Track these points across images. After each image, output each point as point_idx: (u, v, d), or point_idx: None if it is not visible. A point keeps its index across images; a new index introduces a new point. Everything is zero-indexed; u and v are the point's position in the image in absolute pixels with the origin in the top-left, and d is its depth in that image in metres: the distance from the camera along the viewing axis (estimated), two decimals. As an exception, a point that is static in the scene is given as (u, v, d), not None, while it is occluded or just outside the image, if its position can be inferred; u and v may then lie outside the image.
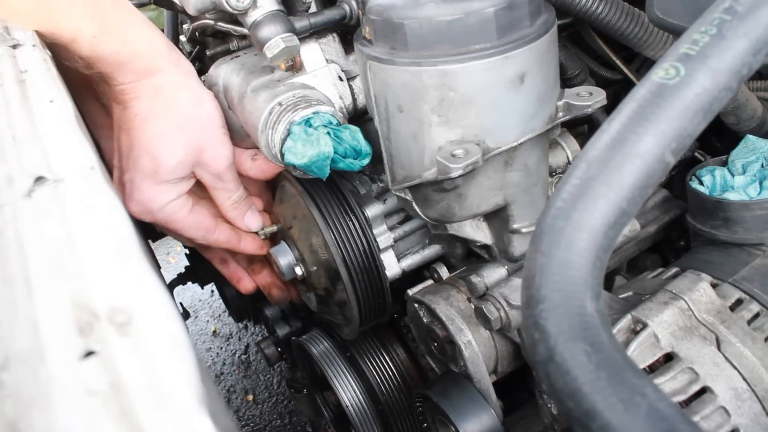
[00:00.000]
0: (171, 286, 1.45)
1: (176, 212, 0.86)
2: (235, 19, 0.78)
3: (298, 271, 0.92)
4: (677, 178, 1.00)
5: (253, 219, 0.94)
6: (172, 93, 0.79)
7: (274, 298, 1.07)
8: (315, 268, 0.90)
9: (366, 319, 0.93)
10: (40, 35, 0.66)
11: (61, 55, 0.73)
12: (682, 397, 0.62)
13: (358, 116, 0.86)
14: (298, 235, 0.91)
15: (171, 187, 0.83)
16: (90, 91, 0.86)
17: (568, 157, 0.92)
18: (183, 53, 1.20)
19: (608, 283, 0.96)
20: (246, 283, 1.05)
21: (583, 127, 1.03)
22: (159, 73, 0.77)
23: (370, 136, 0.77)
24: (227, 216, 0.92)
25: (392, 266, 0.92)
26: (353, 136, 0.76)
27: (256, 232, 0.97)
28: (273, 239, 0.99)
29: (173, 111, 0.79)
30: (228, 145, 0.85)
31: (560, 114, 0.69)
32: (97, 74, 0.75)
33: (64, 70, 0.79)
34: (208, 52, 1.04)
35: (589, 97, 0.68)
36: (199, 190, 0.91)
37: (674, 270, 0.78)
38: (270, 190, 1.00)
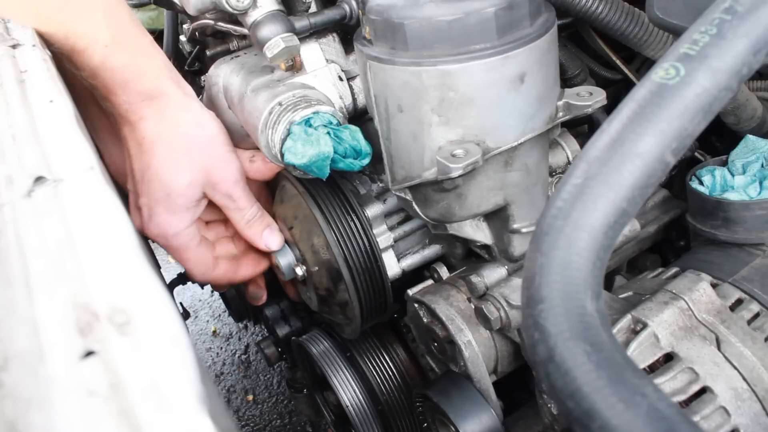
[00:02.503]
0: (171, 286, 1.45)
1: (188, 242, 0.86)
2: (235, 19, 0.78)
3: (299, 271, 0.92)
4: (677, 178, 1.00)
5: (272, 238, 0.92)
6: (175, 116, 0.79)
7: (248, 292, 1.06)
8: (316, 268, 0.90)
9: (367, 319, 0.93)
10: (54, 38, 0.66)
11: (67, 63, 0.73)
12: (682, 397, 0.62)
13: (358, 116, 0.86)
14: (299, 236, 0.91)
15: (186, 213, 0.84)
16: (90, 95, 0.86)
17: (568, 157, 0.93)
18: (183, 53, 1.21)
19: (608, 283, 0.96)
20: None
21: (583, 127, 1.03)
22: (162, 95, 0.78)
23: (370, 136, 0.77)
24: (244, 235, 0.91)
25: (392, 266, 0.92)
26: (353, 136, 0.76)
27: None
28: None
29: (178, 134, 0.80)
30: (234, 162, 0.85)
31: (560, 114, 0.69)
32: (102, 87, 0.75)
33: (65, 73, 0.79)
34: (208, 52, 1.04)
35: (589, 97, 0.68)
36: (204, 215, 0.91)
37: (674, 270, 0.78)
38: (269, 190, 1.00)
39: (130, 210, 0.87)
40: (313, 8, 0.85)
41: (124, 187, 0.91)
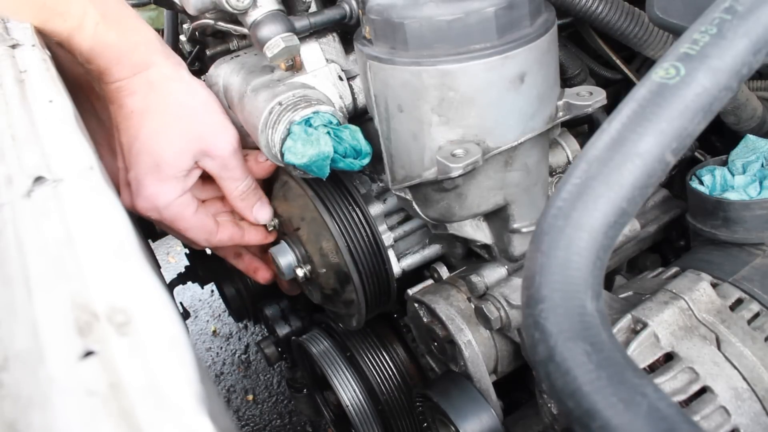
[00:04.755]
0: (171, 286, 1.45)
1: (183, 210, 0.85)
2: (235, 18, 0.78)
3: (300, 272, 0.92)
4: (677, 178, 1.00)
5: (262, 211, 0.93)
6: (165, 86, 0.79)
7: (285, 286, 1.07)
8: (324, 270, 0.90)
9: (370, 312, 0.94)
10: (52, 24, 0.66)
11: (60, 55, 0.73)
12: (682, 397, 0.62)
13: (358, 116, 0.86)
14: (306, 237, 0.91)
15: (176, 182, 0.82)
16: (89, 106, 0.85)
17: (568, 157, 0.92)
18: (183, 53, 1.21)
19: (608, 283, 0.96)
20: (263, 273, 1.04)
21: (583, 127, 1.03)
22: (152, 66, 0.78)
23: (370, 136, 0.77)
24: (236, 207, 0.91)
25: (393, 266, 0.92)
26: (353, 135, 0.76)
27: (264, 225, 0.96)
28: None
29: (167, 103, 0.79)
30: (230, 130, 0.83)
31: (560, 114, 0.69)
32: (96, 69, 0.75)
33: (65, 74, 0.79)
34: (208, 52, 1.04)
35: (589, 97, 0.68)
36: (200, 193, 0.90)
37: (674, 270, 0.78)
38: (264, 185, 1.00)
39: (120, 189, 0.85)
40: (313, 8, 0.85)
41: None
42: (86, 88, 0.84)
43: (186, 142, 0.80)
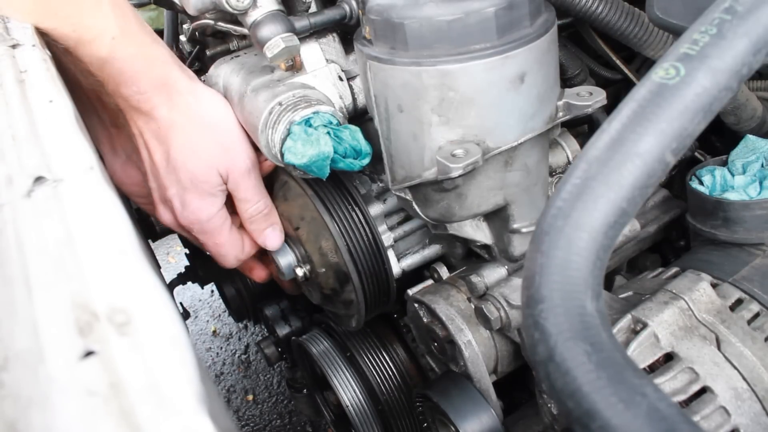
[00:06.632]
0: (171, 286, 1.45)
1: (222, 224, 0.87)
2: (235, 18, 0.78)
3: (299, 272, 0.92)
4: (677, 178, 1.00)
5: (272, 238, 0.92)
6: (186, 100, 0.79)
7: (287, 286, 1.07)
8: (323, 270, 0.90)
9: (370, 313, 0.94)
10: (59, 31, 0.66)
11: (63, 59, 0.72)
12: (682, 397, 0.62)
13: (358, 116, 0.86)
14: (306, 237, 0.91)
15: (212, 197, 0.84)
16: (90, 105, 0.85)
17: (568, 157, 0.93)
18: (183, 53, 1.21)
19: (608, 283, 0.96)
20: (259, 272, 1.04)
21: (583, 127, 1.03)
22: (170, 81, 0.78)
23: (370, 136, 0.77)
24: (246, 228, 0.91)
25: (392, 266, 0.92)
26: (353, 135, 0.76)
27: None
28: None
29: (189, 118, 0.80)
30: (244, 149, 0.83)
31: (560, 114, 0.69)
32: (110, 79, 0.74)
33: (65, 74, 0.78)
34: (208, 52, 1.04)
35: (589, 97, 0.68)
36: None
37: (674, 270, 0.78)
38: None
39: (157, 206, 0.87)
40: (313, 8, 0.85)
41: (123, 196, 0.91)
42: (87, 89, 0.84)
43: (212, 157, 0.81)
